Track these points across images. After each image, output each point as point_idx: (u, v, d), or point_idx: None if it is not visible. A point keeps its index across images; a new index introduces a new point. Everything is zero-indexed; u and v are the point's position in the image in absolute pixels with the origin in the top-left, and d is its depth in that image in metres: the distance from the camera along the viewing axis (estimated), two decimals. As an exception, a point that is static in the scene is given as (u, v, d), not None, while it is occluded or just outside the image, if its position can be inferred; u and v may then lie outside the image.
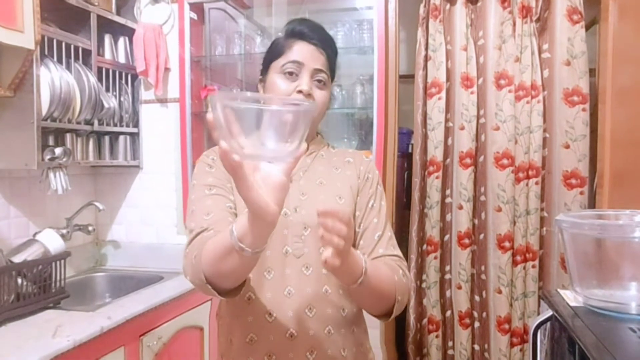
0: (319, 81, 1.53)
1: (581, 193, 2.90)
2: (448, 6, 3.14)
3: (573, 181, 2.91)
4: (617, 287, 1.50)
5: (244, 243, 1.16)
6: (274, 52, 1.56)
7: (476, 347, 3.20)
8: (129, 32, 3.25)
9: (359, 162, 1.63)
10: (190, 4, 3.19)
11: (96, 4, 2.99)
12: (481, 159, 3.09)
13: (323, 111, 1.59)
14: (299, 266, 1.45)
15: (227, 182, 1.48)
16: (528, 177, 3.01)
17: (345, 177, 1.58)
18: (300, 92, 1.49)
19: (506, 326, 3.05)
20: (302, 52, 1.51)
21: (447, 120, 3.15)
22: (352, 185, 1.56)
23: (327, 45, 1.56)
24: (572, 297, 1.60)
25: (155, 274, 3.10)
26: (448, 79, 3.13)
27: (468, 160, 3.07)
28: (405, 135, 3.65)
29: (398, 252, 1.53)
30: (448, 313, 3.26)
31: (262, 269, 1.44)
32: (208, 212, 1.42)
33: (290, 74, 1.50)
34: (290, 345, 1.43)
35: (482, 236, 3.11)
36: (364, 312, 1.62)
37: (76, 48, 2.85)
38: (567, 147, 2.91)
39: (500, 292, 3.05)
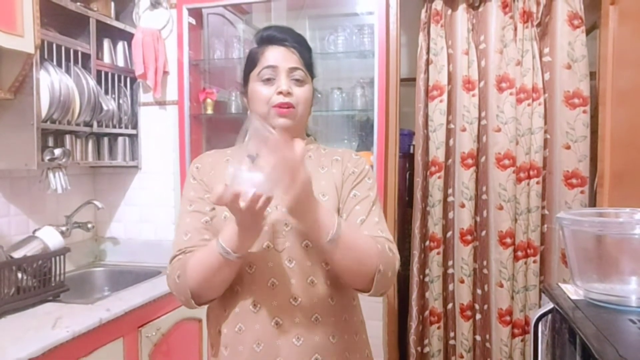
0: (297, 79, 1.57)
1: (582, 192, 2.93)
2: (449, 11, 3.16)
3: (574, 181, 2.94)
4: (617, 281, 1.50)
5: (230, 248, 1.33)
6: (249, 63, 1.61)
7: (477, 337, 3.22)
8: (128, 37, 3.27)
9: (346, 160, 1.65)
10: (189, 9, 3.21)
11: (95, 9, 3.03)
12: (482, 159, 3.11)
13: (308, 108, 1.62)
14: (281, 259, 1.49)
15: (204, 193, 1.58)
16: (529, 177, 3.03)
17: (330, 175, 1.60)
18: (280, 93, 1.53)
19: (507, 318, 3.09)
20: (274, 55, 1.56)
21: (448, 122, 3.17)
22: (336, 183, 1.59)
23: (298, 44, 1.60)
24: (572, 291, 1.60)
25: (153, 269, 3.15)
26: (449, 82, 3.15)
27: (469, 161, 3.10)
28: (406, 137, 3.66)
29: (386, 234, 1.52)
30: (450, 305, 3.29)
31: (243, 264, 1.47)
32: (186, 232, 1.54)
33: (268, 79, 1.55)
34: (277, 333, 1.46)
35: (483, 233, 3.14)
36: (361, 303, 1.65)
37: (75, 52, 2.88)
38: (568, 147, 2.94)
39: (501, 285, 3.08)
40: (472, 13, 3.14)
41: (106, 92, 3.12)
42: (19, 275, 2.40)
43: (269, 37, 1.59)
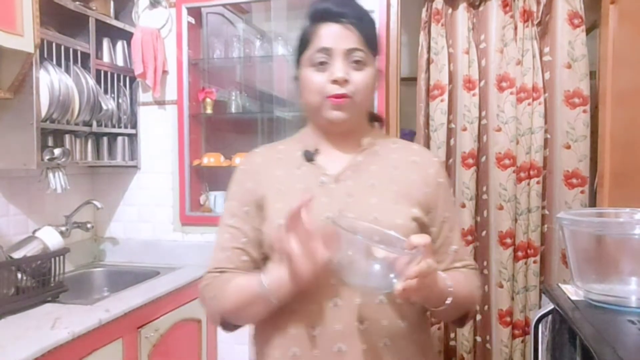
0: (356, 62, 1.36)
1: (582, 192, 2.92)
2: (450, 10, 3.15)
3: (574, 181, 2.93)
4: (617, 282, 1.50)
5: (274, 296, 1.23)
6: (301, 44, 1.41)
7: (478, 338, 3.20)
8: (127, 36, 3.27)
9: (427, 164, 1.47)
10: (188, 9, 3.21)
11: (94, 8, 3.03)
12: (483, 159, 3.10)
13: (369, 94, 1.43)
14: None
15: (246, 205, 1.43)
16: (529, 177, 3.02)
17: (407, 181, 1.41)
18: (335, 81, 1.34)
19: (507, 319, 3.07)
20: (329, 35, 1.35)
21: (449, 122, 3.16)
22: (416, 191, 1.40)
23: (358, 18, 1.38)
24: (572, 291, 1.58)
25: (152, 269, 3.15)
26: (450, 81, 3.14)
27: (470, 161, 3.08)
28: (407, 136, 3.64)
29: (471, 259, 1.46)
30: (450, 306, 3.27)
31: None
32: (224, 249, 1.41)
33: (322, 63, 1.35)
34: None
35: (484, 233, 3.13)
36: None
37: (75, 51, 2.88)
38: (568, 147, 2.93)
39: (501, 286, 3.07)
40: (472, 12, 3.13)
41: (105, 92, 3.12)
42: (19, 275, 2.40)
43: (323, 13, 1.37)
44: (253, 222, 1.41)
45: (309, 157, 1.41)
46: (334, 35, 1.35)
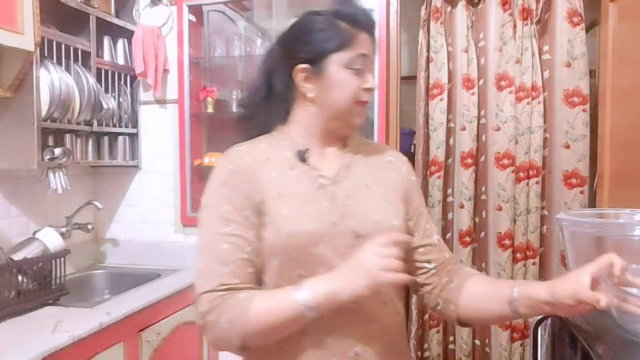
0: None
1: (581, 192, 2.92)
2: (449, 8, 3.14)
3: (573, 181, 2.92)
4: (618, 284, 1.50)
5: (317, 311, 1.18)
6: (335, 41, 1.34)
7: (477, 342, 3.20)
8: (128, 34, 3.27)
9: (400, 163, 1.52)
10: (189, 7, 3.20)
11: (95, 6, 3.01)
12: (482, 159, 3.09)
13: None
14: None
15: (244, 210, 1.31)
16: (528, 177, 3.02)
17: (390, 180, 1.45)
18: (369, 90, 1.36)
19: (507, 322, 3.05)
20: (366, 44, 1.36)
21: (448, 121, 3.15)
22: (398, 190, 1.44)
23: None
24: (572, 294, 1.59)
25: (153, 271, 3.14)
26: (449, 80, 3.13)
27: (469, 160, 3.08)
28: (407, 136, 3.64)
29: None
30: (449, 308, 3.25)
31: None
32: (225, 262, 1.26)
33: (357, 70, 1.34)
34: None
35: (482, 234, 3.12)
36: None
37: (75, 50, 2.86)
38: (568, 147, 2.92)
39: (500, 288, 3.04)
40: (471, 10, 3.12)
41: (106, 91, 3.12)
42: (19, 278, 2.40)
43: (363, 22, 1.36)
44: (254, 228, 1.30)
45: (303, 157, 1.38)
46: (370, 46, 1.38)
